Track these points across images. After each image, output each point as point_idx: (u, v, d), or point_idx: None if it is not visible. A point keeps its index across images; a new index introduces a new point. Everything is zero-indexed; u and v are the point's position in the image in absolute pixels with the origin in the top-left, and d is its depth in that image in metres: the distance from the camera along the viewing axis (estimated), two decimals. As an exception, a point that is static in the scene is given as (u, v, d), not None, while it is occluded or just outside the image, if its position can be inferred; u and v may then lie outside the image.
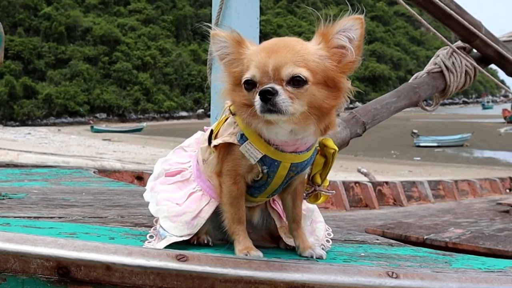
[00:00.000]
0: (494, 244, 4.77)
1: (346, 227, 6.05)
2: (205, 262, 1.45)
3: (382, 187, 8.44)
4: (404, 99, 3.95)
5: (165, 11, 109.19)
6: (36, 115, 79.74)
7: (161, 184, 1.94)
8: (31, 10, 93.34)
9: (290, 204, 1.91)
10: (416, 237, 5.03)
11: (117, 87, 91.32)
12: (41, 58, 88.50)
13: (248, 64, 1.65)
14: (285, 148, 1.72)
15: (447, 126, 56.40)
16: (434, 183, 9.30)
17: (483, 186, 10.08)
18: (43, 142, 43.57)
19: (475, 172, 26.79)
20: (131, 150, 37.28)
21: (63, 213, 2.41)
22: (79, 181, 4.04)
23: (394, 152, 37.40)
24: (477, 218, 7.26)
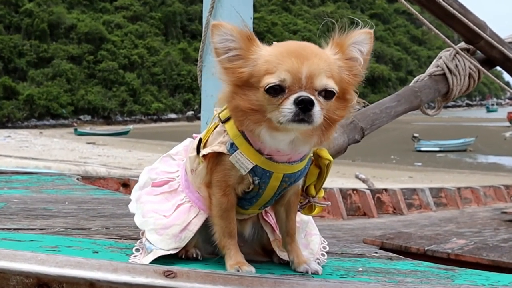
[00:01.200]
0: (498, 256, 4.79)
1: (343, 238, 6.06)
2: (194, 278, 1.43)
3: (381, 194, 8.45)
4: (405, 103, 3.96)
5: (153, 7, 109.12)
6: (17, 117, 79.47)
7: (147, 194, 1.93)
8: (11, 6, 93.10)
9: (284, 216, 1.91)
10: (417, 248, 5.04)
11: (103, 87, 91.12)
12: (22, 56, 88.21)
13: (270, 66, 1.60)
14: (278, 158, 1.72)
15: (449, 130, 56.56)
16: (436, 191, 9.33)
17: (487, 193, 10.12)
18: (23, 146, 43.40)
19: (479, 178, 26.89)
20: (117, 154, 37.20)
21: (44, 224, 2.39)
22: (61, 189, 4.02)
23: (393, 157, 37.49)
24: (480, 227, 7.29)
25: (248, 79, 1.63)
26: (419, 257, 4.96)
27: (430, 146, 44.21)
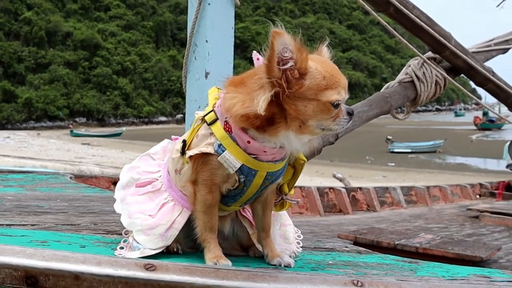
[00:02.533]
0: (462, 250, 4.83)
1: (320, 233, 6.07)
2: (172, 271, 1.44)
3: (356, 193, 8.48)
4: (376, 108, 3.98)
5: (145, 17, 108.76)
6: (16, 119, 78.91)
7: (131, 195, 1.91)
8: (11, 14, 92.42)
9: (260, 213, 1.91)
10: (387, 242, 5.07)
11: (97, 91, 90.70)
12: (21, 62, 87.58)
13: (329, 83, 1.65)
14: (263, 157, 1.72)
15: (420, 133, 56.89)
16: (407, 189, 9.37)
17: (454, 192, 10.18)
18: (22, 146, 43.03)
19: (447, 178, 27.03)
20: (110, 155, 36.99)
21: (36, 220, 2.37)
22: (55, 187, 3.99)
23: (369, 158, 37.60)
24: (447, 223, 7.33)
25: (304, 91, 1.63)
26: (390, 251, 4.99)
27: (403, 148, 44.39)
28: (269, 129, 1.66)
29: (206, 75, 3.08)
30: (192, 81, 3.14)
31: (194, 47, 3.11)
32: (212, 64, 3.08)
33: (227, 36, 3.14)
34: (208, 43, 3.07)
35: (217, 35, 3.10)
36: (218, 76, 3.08)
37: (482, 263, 4.72)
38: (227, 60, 3.16)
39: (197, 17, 3.05)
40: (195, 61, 3.12)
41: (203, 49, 3.08)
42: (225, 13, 3.11)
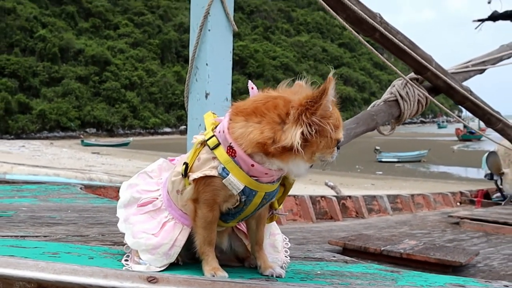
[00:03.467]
0: (443, 255, 4.84)
1: (312, 239, 6.08)
2: (173, 283, 1.46)
3: (345, 200, 8.49)
4: (363, 125, 4.00)
5: (151, 35, 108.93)
6: (30, 129, 78.82)
7: (134, 215, 1.91)
8: (27, 32, 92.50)
9: (254, 227, 1.93)
10: (374, 248, 5.07)
11: (106, 104, 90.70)
12: (36, 76, 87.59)
13: (338, 123, 1.73)
14: (264, 179, 1.74)
15: (406, 143, 56.95)
16: (393, 197, 9.38)
17: (437, 199, 10.19)
18: (36, 155, 43.01)
19: (431, 185, 27.07)
20: (118, 163, 36.98)
21: (48, 232, 2.38)
22: (66, 198, 3.97)
23: (358, 167, 37.62)
24: (430, 229, 7.33)
25: (328, 132, 1.69)
26: (376, 257, 5.01)
27: (390, 157, 44.48)
28: (281, 156, 1.68)
29: (206, 96, 3.10)
30: (194, 101, 3.16)
31: (195, 70, 3.13)
32: (212, 86, 3.11)
33: (225, 60, 3.17)
34: (208, 66, 3.09)
35: (217, 58, 3.13)
36: (217, 96, 3.10)
37: (461, 268, 4.74)
38: (226, 82, 3.18)
39: (198, 42, 3.07)
40: (196, 82, 3.14)
41: (203, 72, 3.10)
42: (224, 39, 3.14)
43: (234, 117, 1.74)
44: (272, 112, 1.69)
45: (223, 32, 3.11)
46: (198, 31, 3.03)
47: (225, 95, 3.14)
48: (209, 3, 3.01)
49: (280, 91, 1.80)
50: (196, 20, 3.08)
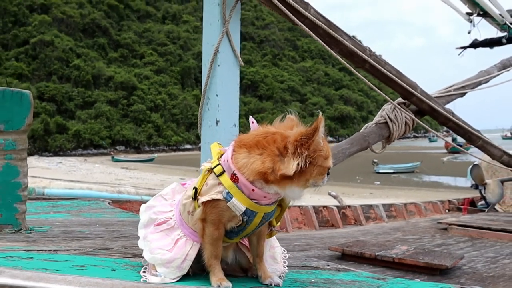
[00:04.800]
0: (431, 259, 4.80)
1: (314, 245, 6.05)
2: (184, 293, 1.49)
3: (345, 210, 8.47)
4: (356, 146, 4.02)
5: (173, 63, 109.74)
6: (67, 147, 79.40)
7: (151, 233, 1.96)
8: (63, 61, 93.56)
9: (255, 243, 1.97)
10: (369, 253, 5.04)
11: (134, 124, 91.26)
12: (71, 100, 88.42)
13: (328, 154, 1.78)
14: (263, 202, 1.78)
15: (401, 156, 56.60)
16: (388, 206, 9.34)
17: (427, 207, 10.12)
18: (72, 170, 43.26)
19: (424, 193, 26.86)
20: (144, 177, 37.10)
21: (77, 246, 2.41)
22: (95, 212, 3.99)
23: (358, 178, 37.48)
24: (421, 234, 7.27)
25: (317, 161, 1.74)
26: (372, 261, 4.98)
27: (386, 169, 44.24)
28: (279, 183, 1.73)
29: (217, 123, 3.14)
30: (206, 127, 3.19)
31: (207, 100, 3.17)
32: (221, 114, 3.14)
33: (233, 91, 3.21)
34: (218, 96, 3.13)
35: (225, 90, 3.17)
36: (226, 123, 3.14)
37: (447, 270, 4.70)
38: (234, 110, 3.22)
39: (209, 76, 3.12)
40: (208, 111, 3.18)
41: (214, 102, 3.14)
42: (231, 73, 3.18)
43: (237, 149, 1.80)
44: (271, 145, 1.74)
45: (230, 67, 3.16)
46: (209, 66, 3.08)
47: (233, 122, 3.17)
48: (218, 41, 3.06)
49: (276, 126, 1.85)
50: (207, 56, 3.13)
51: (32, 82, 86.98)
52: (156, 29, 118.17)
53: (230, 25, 3.10)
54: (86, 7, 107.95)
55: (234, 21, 3.14)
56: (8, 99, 2.52)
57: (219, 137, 3.13)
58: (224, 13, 3.06)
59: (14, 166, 2.54)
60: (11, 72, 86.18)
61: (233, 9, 3.09)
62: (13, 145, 2.52)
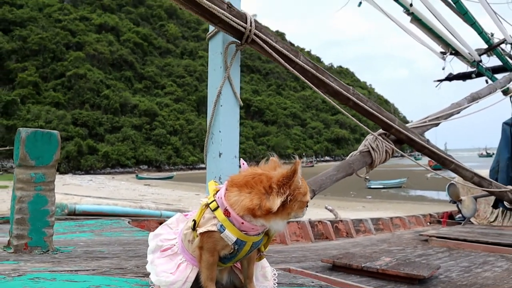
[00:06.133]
0: (411, 270, 4.76)
1: (309, 256, 6.02)
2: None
3: (338, 224, 8.44)
4: (343, 172, 4.03)
5: (190, 93, 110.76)
6: (97, 166, 79.79)
7: (157, 258, 1.99)
8: (95, 91, 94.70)
9: (246, 266, 1.99)
10: (356, 265, 5.02)
11: (156, 147, 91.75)
12: (101, 126, 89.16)
13: (306, 190, 1.80)
14: (251, 232, 1.81)
15: (390, 173, 56.34)
16: (375, 220, 9.29)
17: (411, 220, 10.06)
18: (101, 187, 43.38)
19: (410, 206, 26.68)
20: (164, 193, 37.11)
21: (96, 265, 2.43)
22: (115, 231, 4.01)
23: (352, 193, 37.28)
24: (404, 246, 7.22)
25: (297, 197, 1.77)
26: (359, 272, 4.95)
27: (377, 185, 44.03)
28: (265, 217, 1.76)
29: (220, 155, 3.17)
30: (210, 159, 3.23)
31: (211, 135, 3.21)
32: (223, 147, 3.18)
33: (234, 127, 3.25)
34: (221, 132, 3.16)
35: (227, 126, 3.21)
36: (228, 155, 3.18)
37: (425, 280, 4.66)
38: (235, 144, 3.25)
39: (213, 114, 3.16)
40: (212, 144, 3.22)
41: (217, 137, 3.18)
42: (232, 112, 3.22)
43: (230, 188, 1.83)
44: (259, 185, 1.78)
45: (231, 107, 3.20)
46: (213, 106, 3.13)
47: (234, 154, 3.21)
48: (221, 85, 3.11)
49: (262, 168, 1.89)
50: (212, 97, 3.18)
51: (67, 109, 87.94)
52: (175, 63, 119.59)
53: (231, 71, 3.15)
54: (115, 45, 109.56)
55: (235, 67, 3.19)
56: (39, 139, 2.58)
57: (221, 167, 3.17)
58: (226, 61, 3.12)
59: (43, 196, 2.58)
60: (49, 101, 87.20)
61: (234, 57, 3.15)
62: (43, 178, 2.57)
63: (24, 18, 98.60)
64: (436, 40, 7.08)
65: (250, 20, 2.98)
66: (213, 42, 3.22)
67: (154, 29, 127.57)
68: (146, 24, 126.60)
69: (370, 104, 3.98)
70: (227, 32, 3.01)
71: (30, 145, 2.53)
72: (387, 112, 4.22)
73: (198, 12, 2.80)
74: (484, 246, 6.68)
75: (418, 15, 6.34)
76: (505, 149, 8.67)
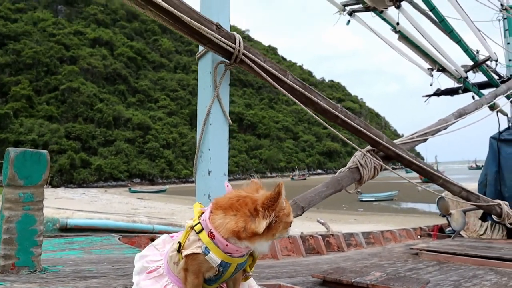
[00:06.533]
0: (401, 285, 4.73)
1: (301, 271, 5.98)
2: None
3: (329, 238, 8.40)
4: (331, 188, 4.05)
5: (183, 106, 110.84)
6: (90, 180, 79.28)
7: (143, 280, 1.98)
8: (88, 105, 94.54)
9: (232, 286, 2.00)
10: (347, 280, 4.98)
11: (149, 160, 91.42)
12: (94, 139, 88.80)
13: (289, 211, 1.83)
14: (235, 254, 1.82)
15: (381, 186, 56.37)
16: (366, 234, 9.26)
17: (401, 234, 10.04)
18: (93, 200, 43.04)
19: (401, 219, 26.69)
20: (157, 206, 36.88)
21: (84, 285, 2.39)
22: (105, 249, 3.94)
23: (344, 205, 37.26)
24: (395, 260, 7.19)
25: (281, 218, 1.79)
26: (349, 287, 4.92)
27: (369, 197, 44.09)
28: (249, 239, 1.77)
29: (209, 173, 3.18)
30: (200, 177, 3.24)
31: (201, 153, 3.22)
32: (213, 165, 3.19)
33: (223, 146, 3.26)
34: (210, 150, 3.17)
35: (216, 145, 3.22)
36: (217, 173, 3.18)
37: (415, 295, 4.64)
38: (224, 162, 3.26)
39: (202, 133, 3.17)
40: (202, 162, 3.23)
41: (207, 155, 3.19)
42: (221, 130, 3.24)
43: (214, 211, 1.84)
44: (244, 208, 1.79)
45: (221, 125, 3.21)
46: (202, 124, 3.14)
47: (223, 172, 3.22)
48: (210, 104, 3.13)
49: (245, 190, 1.89)
50: (201, 116, 3.20)
51: (60, 123, 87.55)
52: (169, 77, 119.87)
53: (220, 90, 3.18)
54: (109, 59, 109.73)
55: (224, 86, 3.22)
56: (28, 159, 2.58)
57: (211, 185, 3.18)
58: (215, 80, 3.15)
59: (32, 216, 2.57)
60: (42, 115, 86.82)
61: (223, 76, 3.18)
62: (31, 197, 2.56)
63: (18, 32, 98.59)
64: (423, 57, 7.17)
65: (238, 40, 3.01)
66: (202, 62, 3.25)
67: (147, 44, 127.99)
68: (140, 39, 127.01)
69: (358, 122, 4.01)
70: (216, 52, 3.04)
71: (19, 165, 2.52)
72: (375, 129, 4.25)
73: (187, 33, 2.83)
74: (473, 260, 6.68)
75: (405, 33, 6.43)
76: (493, 163, 8.74)
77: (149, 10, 2.59)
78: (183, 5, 2.72)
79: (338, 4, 6.13)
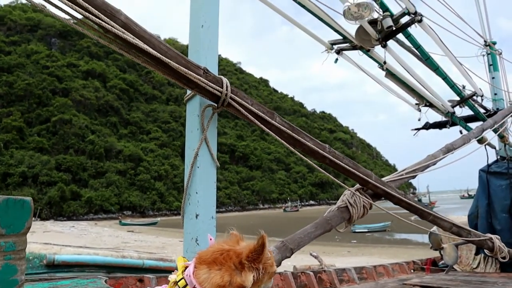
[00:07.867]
0: (394, 325, 4.69)
1: (292, 310, 5.89)
2: None
3: (321, 274, 8.29)
4: (320, 229, 4.02)
5: (175, 138, 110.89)
6: (80, 212, 78.33)
7: None
8: (79, 137, 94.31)
9: None
10: (338, 320, 4.93)
11: (140, 192, 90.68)
12: (85, 171, 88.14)
13: (272, 262, 1.83)
14: None
15: (374, 216, 56.14)
16: (359, 269, 9.15)
17: (394, 268, 9.94)
18: (83, 233, 42.35)
19: (395, 250, 26.53)
20: (148, 239, 36.36)
21: (66, 339, 2.32)
22: (91, 293, 3.85)
23: (337, 237, 36.96)
24: None
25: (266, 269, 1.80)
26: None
27: (361, 228, 43.86)
28: None
29: (197, 216, 3.16)
30: (187, 220, 3.21)
31: (188, 196, 3.21)
32: (200, 209, 3.17)
33: (210, 188, 3.25)
34: (197, 194, 3.17)
35: (204, 188, 3.21)
36: (205, 216, 3.16)
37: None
38: (211, 205, 3.25)
39: (190, 176, 3.17)
40: (189, 206, 3.22)
41: (194, 198, 3.17)
42: (209, 173, 3.24)
43: (198, 265, 1.82)
44: (228, 262, 1.78)
45: (208, 168, 3.21)
46: (190, 167, 3.14)
47: (210, 215, 3.19)
48: (198, 147, 3.13)
49: (226, 242, 1.88)
50: (189, 159, 3.20)
51: (51, 154, 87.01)
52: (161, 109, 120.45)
53: (208, 132, 3.19)
54: (101, 91, 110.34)
55: (211, 129, 3.23)
56: (11, 206, 2.53)
57: (198, 228, 3.15)
58: (203, 123, 3.17)
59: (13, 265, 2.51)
60: (33, 146, 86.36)
61: (211, 119, 3.20)
62: (13, 246, 2.51)
63: (11, 64, 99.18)
64: (411, 93, 7.27)
65: (226, 84, 3.04)
66: (190, 105, 3.27)
67: (140, 76, 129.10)
68: (133, 71, 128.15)
69: (347, 161, 4.02)
70: (204, 96, 3.06)
71: (1, 213, 2.47)
72: (363, 168, 4.26)
73: (175, 77, 2.85)
74: (466, 296, 6.63)
75: (392, 70, 6.54)
76: (483, 196, 8.78)
77: (136, 56, 2.61)
78: (170, 50, 2.75)
79: (326, 43, 6.25)
